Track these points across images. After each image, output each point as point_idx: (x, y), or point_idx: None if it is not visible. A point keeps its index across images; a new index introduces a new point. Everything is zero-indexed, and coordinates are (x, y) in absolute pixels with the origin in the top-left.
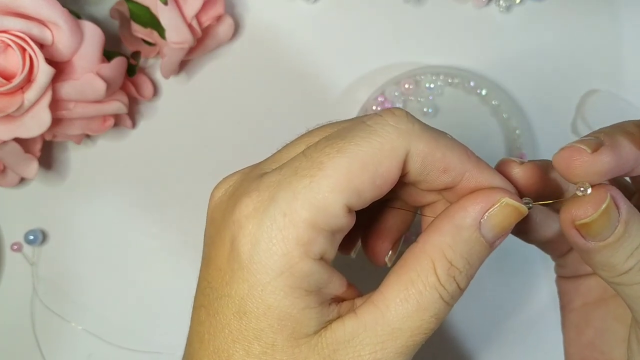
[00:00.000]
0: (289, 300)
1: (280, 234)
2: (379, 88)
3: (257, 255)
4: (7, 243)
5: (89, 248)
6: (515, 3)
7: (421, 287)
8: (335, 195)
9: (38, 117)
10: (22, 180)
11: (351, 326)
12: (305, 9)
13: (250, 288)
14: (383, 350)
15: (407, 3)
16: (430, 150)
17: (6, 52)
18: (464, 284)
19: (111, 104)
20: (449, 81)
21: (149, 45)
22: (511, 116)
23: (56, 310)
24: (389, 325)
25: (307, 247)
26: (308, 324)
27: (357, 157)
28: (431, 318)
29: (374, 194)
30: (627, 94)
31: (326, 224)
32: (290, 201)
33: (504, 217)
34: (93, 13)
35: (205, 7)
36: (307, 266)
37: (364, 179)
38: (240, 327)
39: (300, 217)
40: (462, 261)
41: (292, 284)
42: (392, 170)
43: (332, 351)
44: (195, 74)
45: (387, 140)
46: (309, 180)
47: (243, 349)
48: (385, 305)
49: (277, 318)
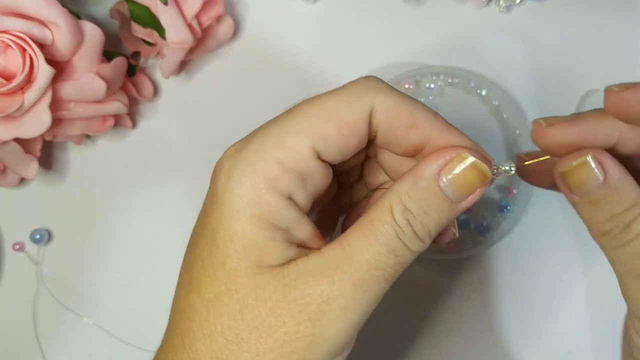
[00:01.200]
0: (254, 229)
1: (251, 168)
2: None
3: (229, 185)
4: (8, 243)
5: (90, 248)
6: (515, 3)
7: (378, 224)
8: (301, 137)
9: (38, 118)
10: (22, 180)
11: (314, 260)
12: (305, 9)
13: (221, 216)
14: (340, 281)
15: (407, 3)
16: (395, 105)
17: (6, 52)
18: (421, 232)
19: (111, 104)
20: (449, 81)
21: (149, 45)
22: (511, 116)
23: (61, 308)
24: (348, 258)
25: (274, 181)
26: (272, 255)
27: (325, 107)
28: (389, 254)
29: (342, 143)
30: None
31: (294, 164)
32: (262, 141)
33: (464, 174)
34: (93, 13)
35: (206, 7)
36: (272, 199)
37: (330, 126)
38: (211, 254)
39: (269, 154)
40: (417, 207)
41: (258, 213)
42: (358, 121)
43: (292, 280)
44: (196, 74)
45: (354, 94)
46: (280, 124)
47: (210, 275)
48: (347, 242)
49: (242, 244)
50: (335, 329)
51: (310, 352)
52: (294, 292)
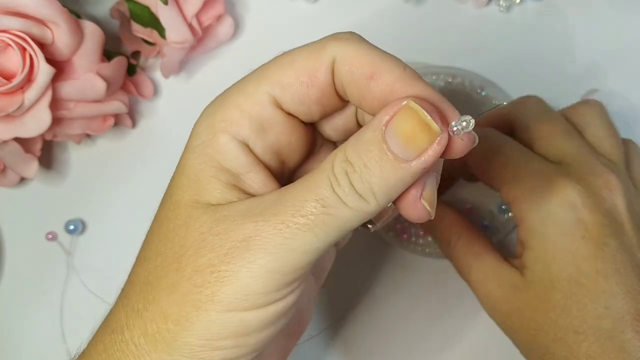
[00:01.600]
0: (201, 165)
1: (213, 110)
2: None
3: (194, 128)
4: (7, 243)
5: (89, 247)
6: (515, 3)
7: (316, 173)
8: (259, 82)
9: (38, 117)
10: (22, 180)
11: (249, 202)
12: (305, 8)
13: (183, 152)
14: (263, 222)
15: (407, 3)
16: (357, 54)
17: (6, 51)
18: (360, 186)
19: (111, 103)
20: (449, 81)
21: (149, 44)
22: None
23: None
24: (280, 200)
25: (229, 124)
26: (211, 193)
27: (287, 56)
28: (316, 202)
29: (301, 92)
30: (627, 94)
31: (251, 109)
32: (229, 91)
33: (406, 124)
34: (93, 13)
35: (206, 6)
36: (224, 139)
37: (289, 74)
38: (170, 185)
39: (230, 99)
40: (357, 159)
41: (209, 152)
42: (318, 68)
43: (222, 216)
44: (196, 74)
45: (319, 43)
46: (248, 75)
47: (161, 206)
48: (286, 188)
49: (187, 177)
50: (248, 269)
51: (220, 289)
52: (219, 226)
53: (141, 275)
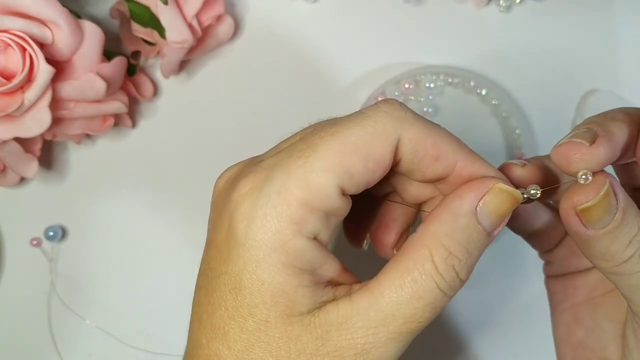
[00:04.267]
0: (282, 277)
1: (274, 212)
2: (379, 88)
3: (251, 232)
4: (8, 243)
5: (89, 248)
6: (516, 3)
7: (417, 275)
8: (327, 175)
9: (38, 117)
10: (22, 180)
11: (344, 309)
12: (305, 8)
13: (245, 264)
14: (375, 335)
15: (407, 3)
16: (421, 136)
17: (6, 51)
18: (464, 273)
19: (111, 103)
20: (449, 81)
21: (149, 44)
22: (511, 116)
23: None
24: (382, 311)
25: (300, 225)
26: (301, 302)
27: (349, 140)
28: (426, 307)
29: (367, 177)
30: (627, 94)
31: (319, 203)
32: (284, 180)
33: (499, 203)
34: (93, 12)
35: (206, 6)
36: (299, 244)
37: (356, 161)
38: (236, 303)
39: (293, 196)
40: (460, 249)
41: (285, 260)
42: (385, 154)
43: (325, 332)
44: (196, 74)
45: (380, 125)
46: (303, 161)
47: (238, 325)
48: (380, 292)
49: (270, 294)
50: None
51: None
52: (328, 346)
53: None
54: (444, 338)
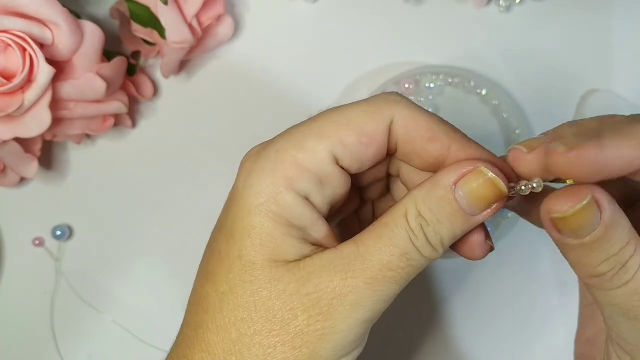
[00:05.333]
0: (272, 224)
1: (271, 166)
2: (379, 88)
3: (249, 182)
4: (7, 243)
5: (90, 247)
6: (516, 3)
7: (393, 227)
8: (321, 140)
9: (38, 117)
10: (22, 180)
11: (328, 255)
12: (305, 8)
13: (239, 211)
14: (353, 278)
15: (407, 3)
16: (415, 117)
17: (6, 52)
18: (434, 239)
19: (111, 103)
20: (449, 81)
21: (149, 45)
22: (511, 116)
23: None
24: (362, 257)
25: (292, 181)
26: (288, 250)
27: (346, 115)
28: (401, 256)
29: (360, 151)
30: (627, 94)
31: (312, 165)
32: (283, 142)
33: (479, 187)
34: (93, 13)
35: (206, 6)
36: (290, 197)
37: (350, 133)
38: (228, 248)
39: (289, 154)
40: (430, 215)
41: (276, 210)
42: (377, 131)
43: (307, 273)
44: (196, 74)
45: (374, 105)
46: (303, 128)
47: (226, 268)
48: (362, 242)
49: (259, 238)
50: (346, 324)
51: (320, 346)
52: (308, 286)
53: (222, 345)
54: (447, 346)
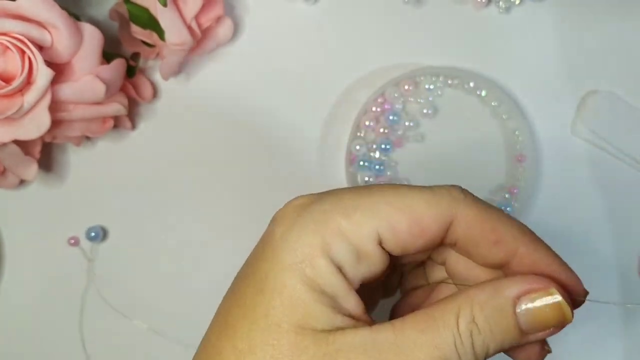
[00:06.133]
0: (305, 287)
1: (313, 226)
2: (379, 89)
3: (288, 237)
4: (7, 244)
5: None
6: (515, 4)
7: (440, 325)
8: (371, 217)
9: (37, 119)
10: (22, 182)
11: (362, 335)
12: (305, 10)
13: (273, 265)
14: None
15: (406, 4)
16: (479, 218)
17: (5, 54)
18: (479, 350)
19: (111, 105)
20: (449, 82)
21: (148, 46)
22: (511, 117)
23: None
24: (398, 348)
25: (330, 247)
26: (318, 317)
27: (402, 198)
28: (438, 358)
29: (408, 240)
30: (627, 95)
31: (354, 239)
32: (332, 205)
33: (544, 310)
34: (92, 15)
35: (205, 8)
36: (324, 263)
37: (402, 219)
38: (254, 303)
39: (334, 219)
40: (484, 324)
41: (310, 274)
42: (432, 226)
43: (334, 350)
44: (195, 75)
45: (437, 198)
46: (354, 197)
47: (249, 325)
48: (401, 330)
49: (289, 299)
50: None
51: None
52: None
53: None
54: None
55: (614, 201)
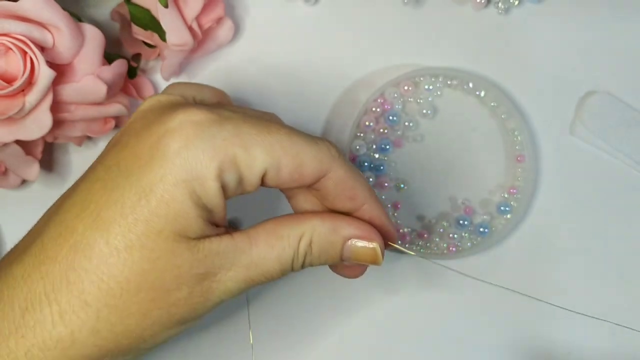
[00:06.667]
0: (191, 203)
1: (212, 152)
2: (378, 89)
3: (184, 154)
4: (9, 245)
5: None
6: (514, 5)
7: (286, 245)
8: (264, 155)
9: (39, 120)
10: (24, 182)
11: (225, 243)
12: (305, 10)
13: (164, 176)
14: (235, 271)
15: (406, 5)
16: (345, 177)
17: (7, 55)
18: (307, 264)
19: (112, 106)
20: (448, 82)
21: (149, 47)
22: (510, 117)
23: None
24: (251, 258)
25: (222, 173)
26: (193, 229)
27: (294, 144)
28: (278, 270)
29: (287, 181)
30: (626, 96)
31: (245, 170)
32: (233, 134)
33: (362, 249)
34: (93, 16)
35: (206, 9)
36: (214, 185)
37: (288, 164)
38: (136, 206)
39: (232, 150)
40: (318, 250)
41: (199, 192)
42: (310, 175)
43: (203, 256)
44: (196, 76)
45: (320, 152)
46: (254, 132)
47: (127, 225)
48: (256, 241)
49: (175, 211)
50: (213, 303)
51: (188, 315)
52: (200, 267)
53: (100, 300)
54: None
55: (613, 201)
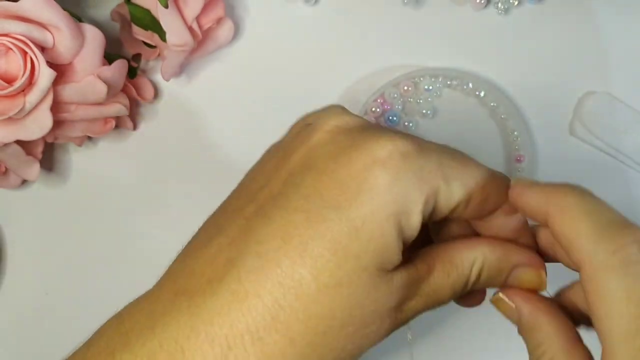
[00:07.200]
0: (397, 236)
1: (419, 184)
2: (378, 90)
3: (394, 187)
4: (9, 245)
5: (91, 249)
6: (514, 5)
7: (460, 272)
8: (462, 190)
9: (39, 120)
10: (24, 182)
11: (409, 273)
12: (305, 11)
13: (375, 210)
14: (415, 301)
15: (406, 5)
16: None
17: (7, 55)
18: (471, 288)
19: (112, 106)
20: (448, 83)
21: (149, 47)
22: (509, 117)
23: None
24: (430, 286)
25: (426, 206)
26: (393, 261)
27: (487, 181)
28: (449, 297)
29: (470, 214)
30: (624, 96)
31: (443, 203)
32: (437, 164)
33: (529, 281)
34: (94, 16)
35: (206, 9)
36: (418, 219)
37: (478, 198)
38: (347, 241)
39: (436, 183)
40: (486, 276)
41: (404, 225)
42: (494, 208)
43: (397, 288)
44: (196, 76)
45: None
46: (453, 164)
47: (338, 261)
48: (433, 269)
49: (383, 245)
50: (393, 327)
51: (367, 347)
52: (392, 300)
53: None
54: None
55: (612, 201)
